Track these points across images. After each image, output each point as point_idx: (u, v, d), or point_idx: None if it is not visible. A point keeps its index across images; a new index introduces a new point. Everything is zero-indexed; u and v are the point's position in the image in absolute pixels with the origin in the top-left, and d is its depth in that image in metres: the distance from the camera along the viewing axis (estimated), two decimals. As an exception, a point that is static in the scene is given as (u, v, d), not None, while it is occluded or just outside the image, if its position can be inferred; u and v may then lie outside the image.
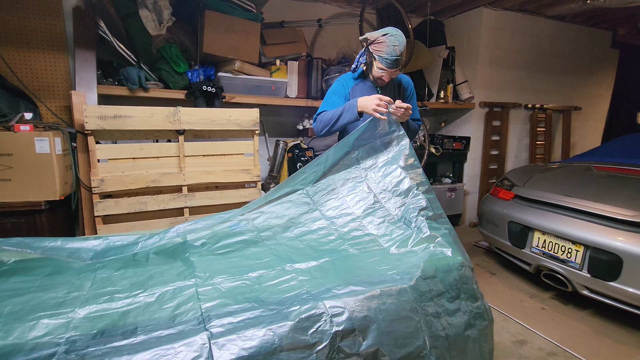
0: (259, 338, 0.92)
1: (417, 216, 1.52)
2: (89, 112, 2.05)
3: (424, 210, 1.54)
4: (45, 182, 2.02)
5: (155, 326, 0.96)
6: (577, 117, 5.21)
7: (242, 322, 0.97)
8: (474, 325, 1.27)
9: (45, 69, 2.44)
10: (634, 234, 2.16)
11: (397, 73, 1.96)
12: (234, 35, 2.88)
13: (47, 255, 1.35)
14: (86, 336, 0.92)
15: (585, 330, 2.30)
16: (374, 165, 1.78)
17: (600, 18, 4.63)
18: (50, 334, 0.92)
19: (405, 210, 1.57)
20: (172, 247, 1.51)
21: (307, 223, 1.65)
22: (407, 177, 1.65)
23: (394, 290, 1.13)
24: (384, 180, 1.70)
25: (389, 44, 1.85)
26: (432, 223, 1.50)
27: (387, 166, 1.73)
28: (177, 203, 2.33)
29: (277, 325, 0.95)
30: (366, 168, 1.79)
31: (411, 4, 4.05)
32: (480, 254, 3.59)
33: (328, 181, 1.80)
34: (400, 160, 1.70)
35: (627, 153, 3.26)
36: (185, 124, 2.29)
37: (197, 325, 0.96)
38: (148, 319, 1.00)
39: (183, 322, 0.98)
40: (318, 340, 0.97)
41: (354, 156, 1.83)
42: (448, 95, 4.15)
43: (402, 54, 1.87)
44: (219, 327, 0.95)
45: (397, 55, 1.85)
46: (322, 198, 1.74)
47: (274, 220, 1.67)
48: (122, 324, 0.97)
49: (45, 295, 1.10)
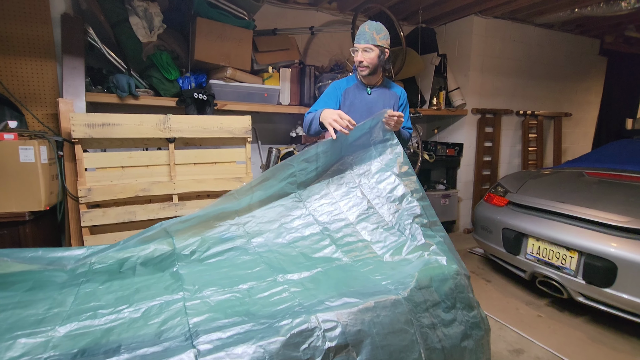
0: (249, 355, 0.88)
1: (411, 223, 1.51)
2: (76, 120, 2.00)
3: (419, 218, 1.52)
4: (29, 192, 1.96)
5: (140, 344, 0.92)
6: (568, 123, 5.27)
7: (231, 337, 0.93)
8: (470, 335, 1.24)
9: (32, 76, 2.39)
10: (628, 239, 2.15)
11: (371, 55, 1.98)
12: (225, 43, 2.87)
13: (28, 264, 1.29)
14: (66, 356, 0.87)
15: (581, 338, 2.28)
16: (367, 171, 1.76)
17: (588, 26, 4.72)
18: (28, 354, 0.87)
19: (400, 217, 1.56)
20: (160, 256, 1.46)
21: (299, 229, 1.62)
22: (401, 184, 1.64)
23: (388, 301, 1.10)
24: (377, 187, 1.69)
25: (360, 27, 2.01)
26: (426, 230, 1.48)
27: (381, 172, 1.71)
28: (167, 212, 2.28)
29: (267, 341, 0.91)
30: (360, 174, 1.77)
31: (403, 12, 4.08)
32: (475, 260, 3.58)
33: (321, 185, 1.78)
34: (394, 167, 1.70)
35: (618, 159, 3.29)
36: (175, 131, 2.25)
37: (184, 342, 0.92)
38: (133, 336, 0.95)
39: (169, 339, 0.94)
40: (310, 356, 0.94)
41: (347, 161, 1.81)
42: (441, 102, 4.17)
43: (373, 33, 1.97)
44: (207, 343, 0.91)
45: (364, 31, 1.98)
46: (315, 203, 1.72)
47: (265, 225, 1.63)
48: (104, 342, 0.93)
49: (25, 312, 1.05)
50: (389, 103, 2.11)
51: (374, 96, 2.12)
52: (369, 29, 1.98)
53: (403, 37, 3.72)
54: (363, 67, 2.01)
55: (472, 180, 4.59)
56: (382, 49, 1.99)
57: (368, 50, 1.98)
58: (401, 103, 2.17)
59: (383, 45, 1.99)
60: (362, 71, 2.04)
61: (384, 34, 2.00)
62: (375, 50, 1.98)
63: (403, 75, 3.90)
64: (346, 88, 2.13)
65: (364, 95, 2.12)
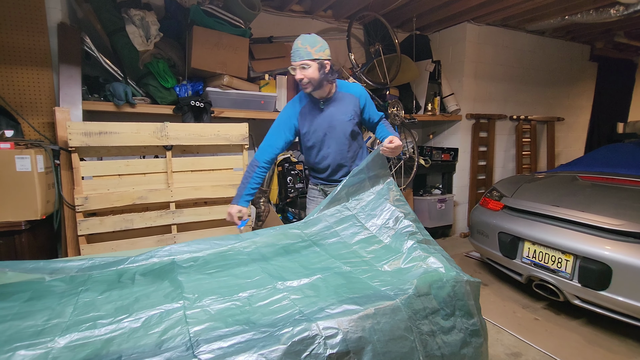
0: (251, 364, 0.88)
1: (407, 239, 1.56)
2: (72, 128, 2.00)
3: (414, 235, 1.58)
4: (25, 201, 1.95)
5: (141, 354, 0.91)
6: (561, 128, 5.34)
7: (232, 346, 0.93)
8: (470, 343, 1.25)
9: (28, 85, 2.39)
10: (622, 242, 2.18)
11: (310, 71, 1.88)
12: (222, 51, 2.89)
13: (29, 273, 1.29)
14: (66, 367, 0.87)
15: (578, 341, 2.30)
16: (361, 200, 1.85)
17: (579, 32, 4.81)
18: (27, 366, 0.87)
19: (396, 237, 1.62)
20: (159, 266, 1.46)
21: (299, 250, 1.66)
22: (395, 209, 1.72)
23: (388, 308, 1.11)
24: (372, 213, 1.78)
25: (294, 44, 1.91)
26: (422, 245, 1.53)
27: (375, 201, 1.82)
28: (164, 220, 2.28)
29: (269, 349, 0.91)
30: (355, 205, 1.85)
31: (397, 20, 4.13)
32: (472, 264, 3.59)
33: (320, 217, 1.84)
34: (387, 195, 1.80)
35: (610, 162, 3.34)
36: (172, 139, 2.26)
37: (185, 352, 0.92)
38: (133, 346, 0.95)
39: (170, 349, 0.93)
40: (312, 364, 0.94)
41: (343, 193, 1.88)
42: (435, 108, 4.21)
43: (307, 47, 1.87)
44: (208, 352, 0.91)
45: (297, 48, 1.88)
46: (313, 230, 1.78)
47: (264, 248, 1.67)
48: (105, 353, 0.92)
49: (23, 323, 1.04)
50: (347, 110, 2.04)
51: (330, 109, 2.04)
52: (302, 44, 1.87)
53: (397, 44, 3.77)
54: (304, 84, 1.92)
55: (468, 184, 4.63)
56: (320, 62, 1.88)
57: (305, 67, 1.87)
58: (363, 104, 2.09)
59: (321, 58, 1.88)
60: (306, 89, 1.94)
61: (319, 45, 1.89)
62: (312, 64, 1.87)
63: (398, 81, 3.95)
64: (300, 109, 2.07)
65: (316, 108, 2.06)
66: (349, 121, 2.05)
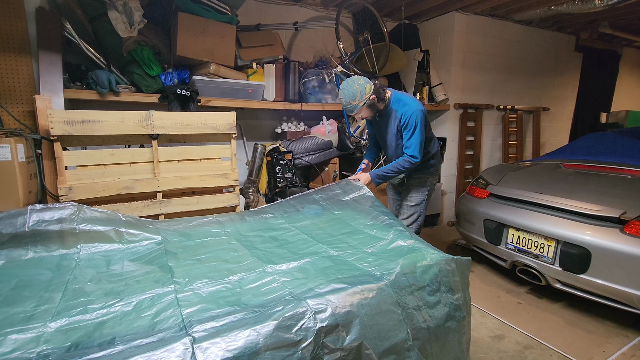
0: (244, 339, 0.90)
1: (390, 230, 1.67)
2: (54, 117, 1.96)
3: (395, 227, 1.70)
4: (6, 192, 1.91)
5: (134, 335, 0.92)
6: (546, 118, 5.44)
7: (225, 325, 0.95)
8: (454, 316, 1.30)
9: (6, 72, 2.31)
10: (601, 227, 2.26)
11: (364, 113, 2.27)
12: (208, 38, 2.84)
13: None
14: (60, 349, 0.87)
15: (558, 323, 2.39)
16: (345, 205, 2.06)
17: (564, 23, 4.88)
18: (20, 349, 0.87)
19: (379, 229, 1.73)
20: (147, 253, 1.46)
21: (286, 237, 1.71)
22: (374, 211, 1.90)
23: (375, 286, 1.14)
24: (355, 217, 1.93)
25: (341, 102, 2.27)
26: (405, 233, 1.62)
27: (355, 205, 2.03)
28: (151, 210, 2.26)
29: (261, 325, 0.94)
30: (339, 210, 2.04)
31: (386, 8, 4.12)
32: (459, 252, 3.67)
33: (304, 217, 1.99)
34: (367, 202, 2.00)
35: (593, 151, 3.43)
36: (158, 128, 2.23)
37: (178, 332, 0.93)
38: (126, 329, 0.95)
39: (164, 330, 0.94)
40: (302, 337, 0.97)
41: (323, 204, 2.10)
42: (424, 97, 4.24)
43: (350, 102, 2.18)
44: (202, 331, 0.92)
45: (345, 107, 2.25)
46: (299, 223, 1.90)
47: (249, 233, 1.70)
48: (98, 335, 0.93)
49: (11, 309, 1.03)
50: (392, 124, 2.35)
51: (382, 122, 2.41)
52: (346, 101, 2.19)
53: (386, 33, 3.77)
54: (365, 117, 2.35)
55: (455, 174, 4.69)
56: (365, 101, 2.18)
57: (359, 112, 2.24)
58: (402, 125, 2.29)
59: (365, 99, 2.17)
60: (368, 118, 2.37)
61: (359, 91, 2.15)
62: (363, 107, 2.20)
63: (387, 71, 3.95)
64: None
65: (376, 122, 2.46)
66: (395, 134, 2.37)
